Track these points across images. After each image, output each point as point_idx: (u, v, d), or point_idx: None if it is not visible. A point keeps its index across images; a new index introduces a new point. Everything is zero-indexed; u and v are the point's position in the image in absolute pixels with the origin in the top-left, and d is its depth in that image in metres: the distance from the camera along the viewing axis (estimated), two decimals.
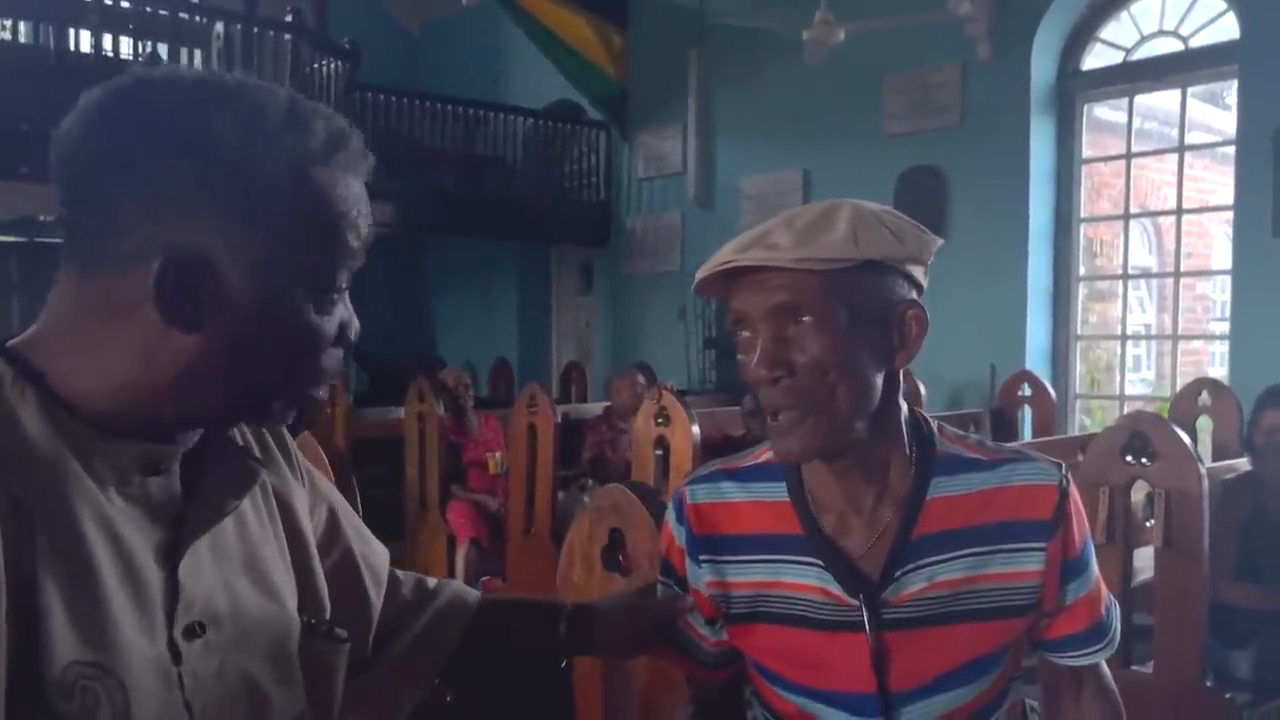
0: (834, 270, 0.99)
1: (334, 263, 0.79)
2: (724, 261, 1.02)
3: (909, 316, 1.04)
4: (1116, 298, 6.58)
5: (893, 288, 1.03)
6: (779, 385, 1.01)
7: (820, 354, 0.99)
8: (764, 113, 7.44)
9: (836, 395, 1.00)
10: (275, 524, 0.90)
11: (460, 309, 10.25)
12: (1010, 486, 1.08)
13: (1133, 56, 6.00)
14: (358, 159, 0.81)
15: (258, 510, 0.89)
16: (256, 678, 0.82)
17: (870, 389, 1.03)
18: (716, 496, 1.17)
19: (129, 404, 0.75)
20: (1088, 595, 1.12)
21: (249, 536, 0.86)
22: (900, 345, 1.04)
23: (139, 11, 5.85)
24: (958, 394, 6.35)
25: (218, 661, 0.79)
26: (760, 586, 1.12)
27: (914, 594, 1.06)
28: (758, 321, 1.02)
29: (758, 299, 1.01)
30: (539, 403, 4.62)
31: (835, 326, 0.99)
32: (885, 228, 1.01)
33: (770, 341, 1.01)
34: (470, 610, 1.12)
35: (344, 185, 0.79)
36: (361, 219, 0.81)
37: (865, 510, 1.08)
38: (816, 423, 1.01)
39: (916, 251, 1.03)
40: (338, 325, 0.82)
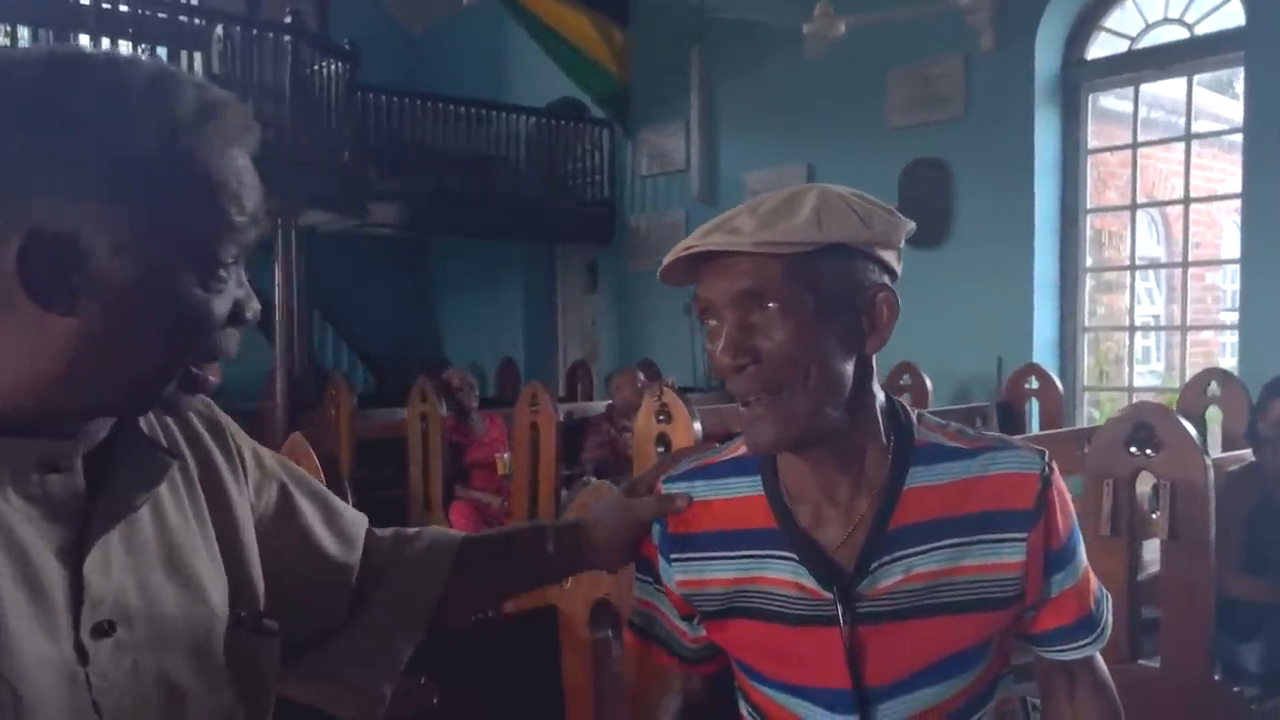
0: (798, 255, 0.96)
1: (215, 237, 0.77)
2: (687, 247, 1.00)
3: (879, 300, 1.01)
4: (1124, 289, 6.52)
5: (861, 272, 1.00)
6: (745, 373, 0.99)
7: (786, 340, 0.97)
8: (767, 108, 7.40)
9: (806, 383, 0.98)
10: (202, 516, 0.88)
11: (466, 309, 10.25)
12: (990, 475, 1.05)
13: (1138, 45, 5.94)
14: (237, 128, 0.78)
15: (180, 503, 0.86)
16: (174, 676, 0.80)
17: (840, 375, 1.00)
18: (692, 494, 1.15)
19: (20, 400, 0.73)
20: (1075, 587, 1.08)
21: (169, 530, 0.84)
22: (871, 330, 1.01)
23: (137, 15, 5.84)
24: (965, 387, 6.30)
25: (131, 660, 0.77)
26: (736, 582, 1.10)
27: (890, 587, 1.03)
28: (723, 309, 1.00)
29: (722, 285, 0.99)
30: (541, 401, 4.60)
31: (801, 312, 0.97)
32: (851, 211, 0.99)
33: (735, 329, 0.99)
34: (453, 548, 1.11)
35: (220, 155, 0.76)
36: (246, 191, 0.78)
37: (841, 501, 1.06)
38: (787, 411, 0.99)
39: (884, 235, 1.00)
40: (231, 304, 0.79)
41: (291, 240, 6.38)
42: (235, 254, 0.79)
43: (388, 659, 1.03)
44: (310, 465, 2.27)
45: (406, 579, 1.07)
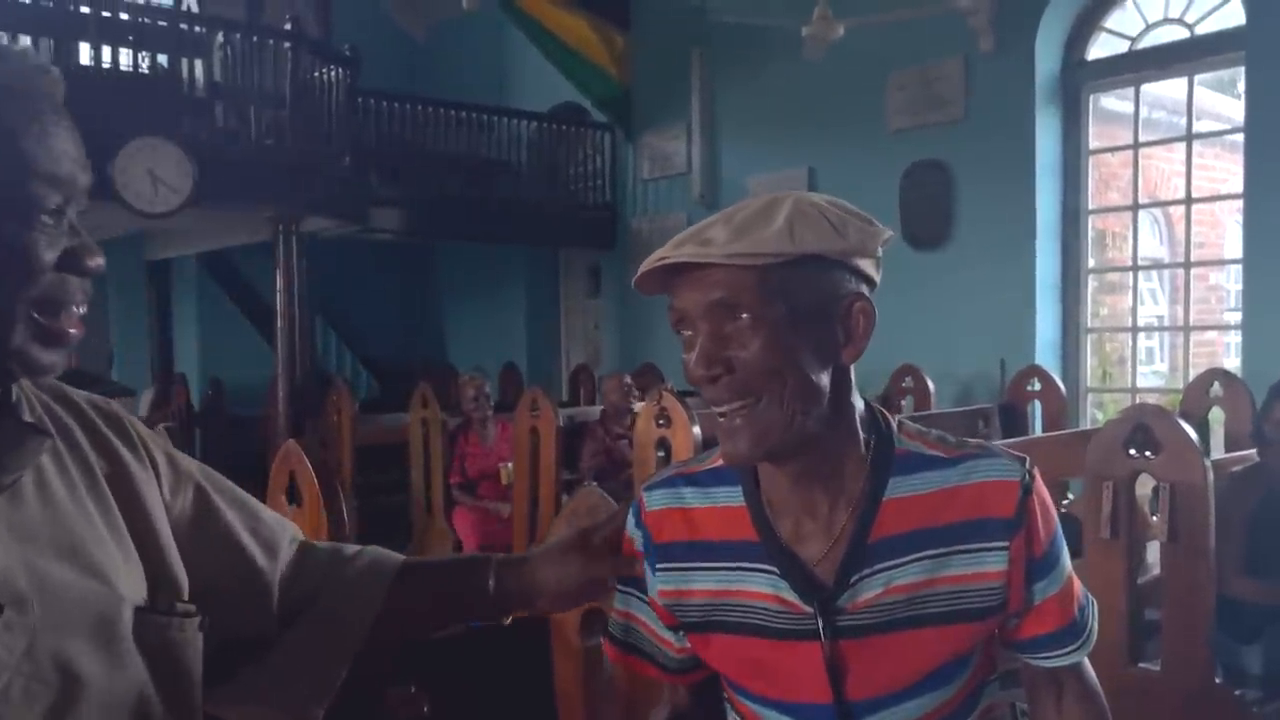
0: (771, 265, 0.96)
1: (21, 181, 0.78)
2: (660, 258, 0.99)
3: (855, 310, 1.00)
4: (1127, 289, 6.50)
5: (836, 282, 1.00)
6: (718, 384, 0.99)
7: (760, 351, 0.97)
8: (768, 111, 7.40)
9: (779, 393, 0.97)
10: (107, 507, 0.88)
11: (469, 313, 10.25)
12: (970, 484, 1.03)
13: (1138, 45, 5.94)
14: (28, 74, 0.81)
15: (73, 489, 0.86)
16: (73, 658, 0.79)
17: (815, 386, 0.99)
18: (674, 502, 1.14)
19: None
20: (1058, 594, 1.07)
21: (61, 515, 0.84)
22: (847, 340, 1.01)
23: (138, 23, 5.86)
24: (968, 389, 6.29)
25: (25, 642, 0.76)
26: (717, 595, 1.09)
27: (871, 600, 1.02)
28: (697, 319, 1.00)
29: (696, 296, 0.99)
30: (541, 407, 4.60)
31: (774, 323, 0.96)
32: (825, 220, 0.98)
33: (709, 339, 0.99)
34: (391, 573, 1.08)
35: (13, 92, 0.79)
36: (52, 136, 0.80)
37: (821, 514, 1.05)
38: (763, 422, 0.98)
39: (859, 245, 0.99)
40: (60, 250, 0.81)
41: (293, 246, 6.38)
42: (52, 197, 0.80)
43: (319, 680, 1.01)
44: (304, 473, 2.27)
45: (341, 600, 1.04)
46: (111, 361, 9.13)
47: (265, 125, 6.37)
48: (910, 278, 6.50)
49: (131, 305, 9.16)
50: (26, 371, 0.83)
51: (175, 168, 5.65)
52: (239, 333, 9.09)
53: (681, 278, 1.00)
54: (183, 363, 9.04)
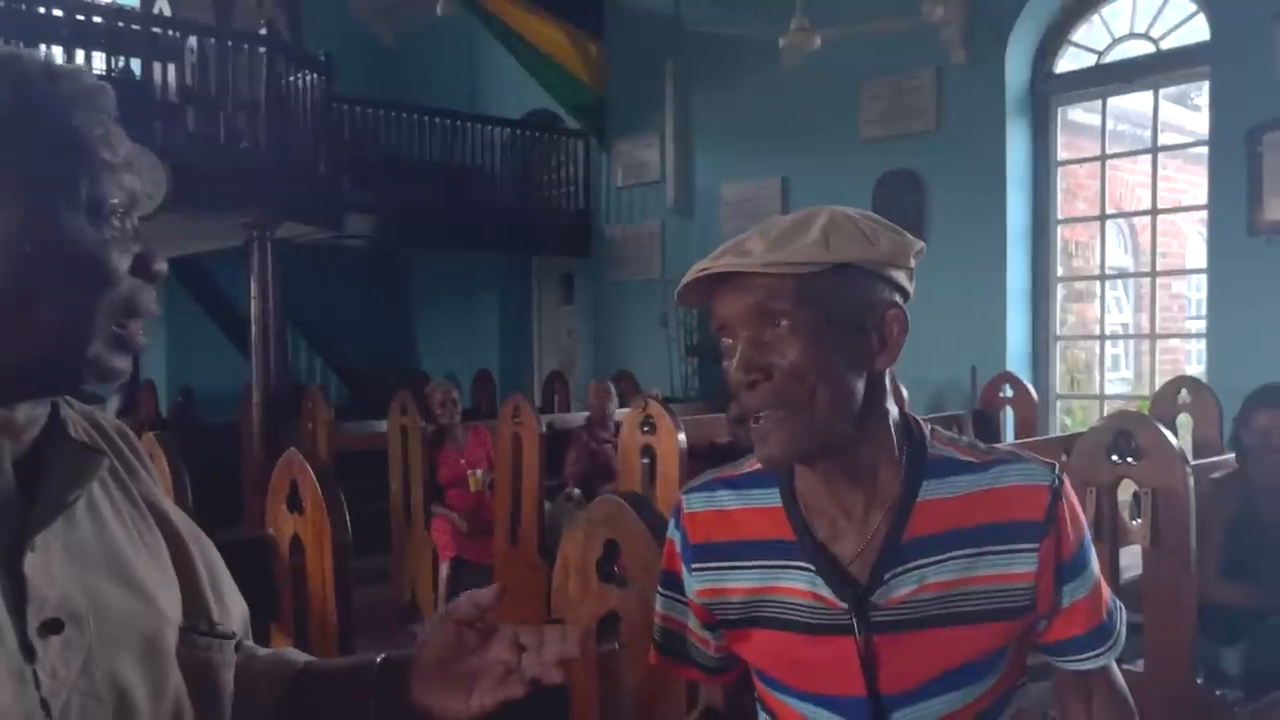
0: (808, 274, 1.00)
1: (90, 176, 0.79)
2: (700, 269, 1.03)
3: (889, 318, 1.04)
4: (1094, 298, 6.63)
5: (870, 291, 1.03)
6: (756, 389, 1.02)
7: (797, 358, 1.00)
8: (742, 120, 7.46)
9: (815, 398, 1.01)
10: (144, 523, 0.89)
11: (442, 321, 10.22)
12: (1001, 487, 1.07)
13: (1105, 59, 6.06)
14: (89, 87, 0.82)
15: (117, 510, 0.87)
16: (124, 677, 0.80)
17: (850, 392, 1.03)
18: (713, 505, 1.17)
19: None
20: (1086, 597, 1.10)
21: (109, 536, 0.84)
22: (881, 347, 1.04)
23: (111, 27, 5.80)
24: (940, 396, 6.37)
25: (82, 659, 0.77)
26: (756, 592, 1.12)
27: (904, 596, 1.06)
28: (737, 326, 1.03)
29: (736, 304, 1.03)
30: (523, 413, 4.60)
31: (811, 330, 1.00)
32: (860, 231, 1.02)
33: (749, 345, 1.02)
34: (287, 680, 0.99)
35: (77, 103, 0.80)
36: (113, 135, 0.82)
37: (856, 515, 1.08)
38: (796, 426, 1.01)
39: (891, 255, 1.03)
40: (132, 258, 0.81)
41: (267, 252, 6.33)
42: (121, 199, 0.81)
43: None
44: (306, 480, 2.27)
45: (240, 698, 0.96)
46: None
47: (238, 130, 6.32)
48: None
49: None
50: (100, 378, 0.83)
51: (147, 173, 5.59)
52: (208, 340, 9.00)
53: (723, 286, 1.03)
54: (151, 370, 8.94)
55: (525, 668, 0.91)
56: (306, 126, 6.69)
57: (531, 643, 0.92)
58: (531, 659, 0.91)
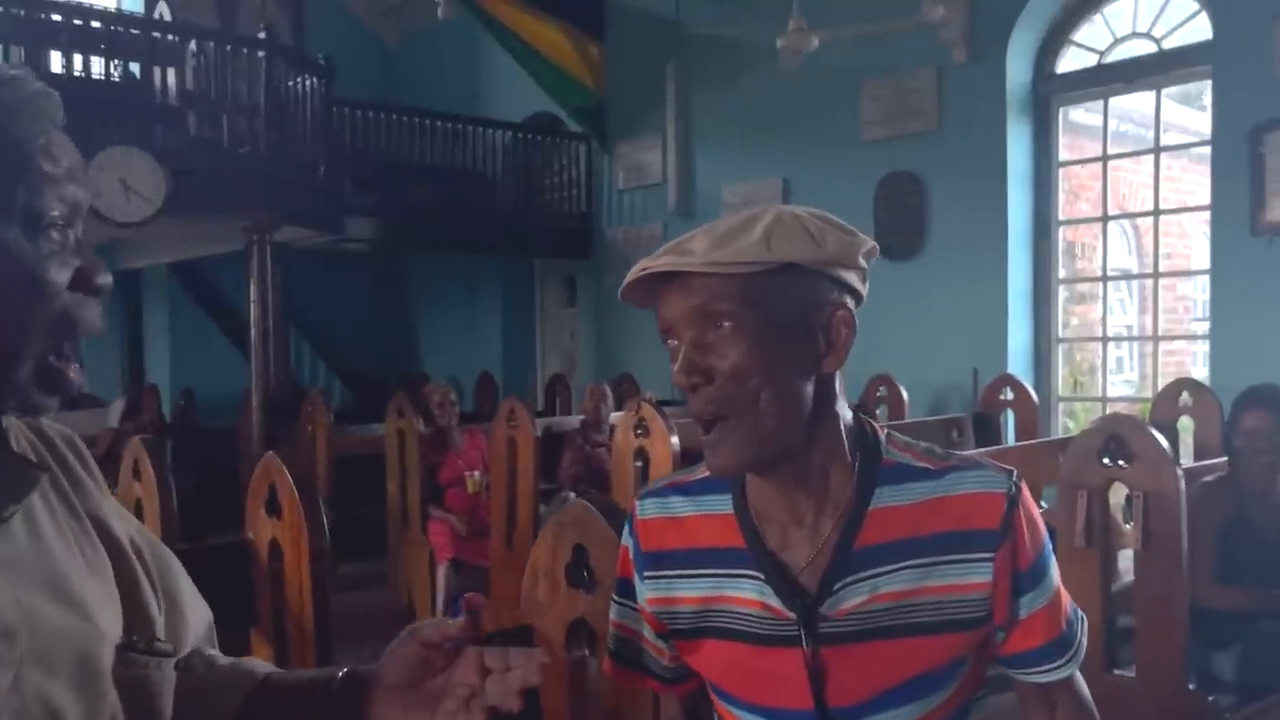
0: (751, 275, 0.97)
1: (29, 187, 0.77)
2: (642, 269, 1.01)
3: (836, 320, 1.01)
4: (1097, 299, 6.58)
5: (817, 292, 1.01)
6: (699, 393, 1.00)
7: (739, 360, 0.98)
8: (743, 121, 7.44)
9: (759, 403, 0.98)
10: (85, 536, 0.87)
11: (445, 324, 10.22)
12: (956, 495, 1.04)
13: (1107, 59, 6.02)
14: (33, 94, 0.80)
15: (57, 523, 0.85)
16: (55, 694, 0.78)
17: (796, 396, 1.00)
18: (665, 511, 1.15)
19: None
20: (1045, 608, 1.07)
21: (46, 550, 0.82)
22: (828, 350, 1.02)
23: (110, 31, 5.81)
24: (941, 398, 6.34)
25: (11, 676, 0.75)
26: (706, 601, 1.10)
27: (854, 607, 1.03)
28: (680, 328, 1.01)
29: (679, 304, 1.00)
30: (519, 417, 4.59)
31: (754, 332, 0.98)
32: (806, 231, 0.99)
33: (691, 348, 1.00)
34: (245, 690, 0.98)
35: (19, 111, 0.78)
36: (55, 145, 0.79)
37: (807, 522, 1.06)
38: (743, 435, 0.99)
39: (838, 255, 1.00)
40: (73, 271, 0.79)
41: (266, 255, 6.34)
42: (62, 212, 0.79)
43: None
44: (284, 484, 2.25)
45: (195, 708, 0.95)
46: None
47: (238, 134, 6.33)
48: (884, 288, 6.45)
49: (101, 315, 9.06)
50: (21, 411, 0.82)
51: (147, 177, 5.61)
52: (211, 343, 9.01)
53: (667, 287, 1.01)
54: (153, 373, 8.96)
55: (488, 692, 0.89)
56: (306, 130, 6.69)
57: (496, 666, 0.90)
58: (495, 683, 0.89)
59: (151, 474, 2.86)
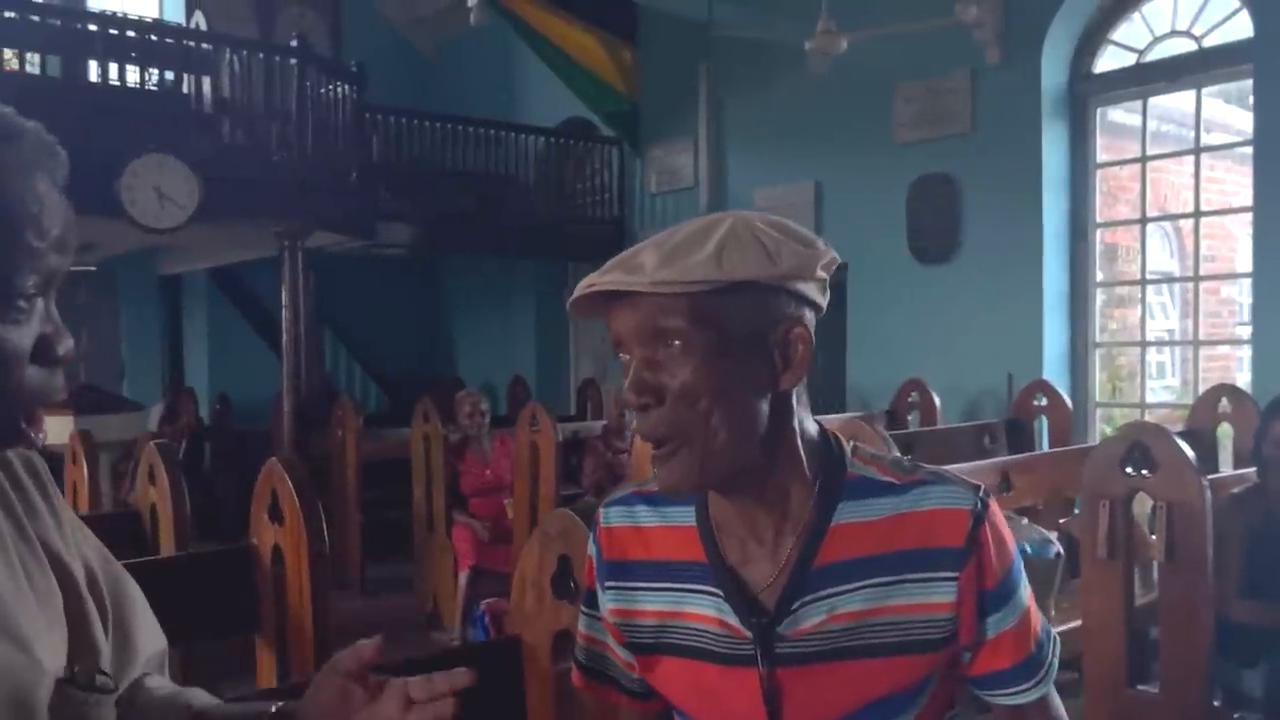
0: (700, 293, 0.93)
1: (7, 260, 0.74)
2: (588, 284, 0.97)
3: (792, 336, 0.98)
4: (1137, 303, 6.44)
5: (772, 307, 0.97)
6: (648, 414, 0.97)
7: (689, 379, 0.95)
8: (774, 124, 7.39)
9: (710, 424, 0.95)
10: (36, 564, 0.85)
11: (478, 327, 10.26)
12: (920, 511, 1.00)
13: (1146, 58, 5.89)
14: (37, 155, 0.76)
15: (5, 551, 0.83)
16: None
17: (750, 415, 0.97)
18: (629, 520, 1.13)
19: None
20: (1014, 628, 1.03)
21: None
22: (784, 367, 0.98)
23: (144, 40, 5.90)
24: (975, 404, 6.24)
25: None
26: (665, 616, 1.07)
27: (813, 627, 1.00)
28: (631, 345, 0.98)
29: (628, 321, 0.97)
30: (541, 422, 4.58)
31: (705, 350, 0.94)
32: (760, 245, 0.95)
33: (641, 366, 0.97)
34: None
35: (14, 177, 0.74)
36: (46, 215, 0.76)
37: (767, 539, 1.02)
38: (690, 458, 0.96)
39: (793, 269, 0.96)
40: (34, 338, 0.76)
41: (298, 261, 6.40)
42: (36, 283, 0.76)
43: None
44: (285, 491, 2.26)
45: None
46: (123, 376, 9.18)
47: (271, 141, 6.40)
48: (917, 292, 6.47)
49: (143, 320, 9.22)
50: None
51: (181, 184, 5.69)
52: (249, 347, 9.12)
53: (617, 302, 0.97)
54: (193, 377, 9.09)
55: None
56: (339, 136, 6.75)
57: (421, 696, 0.88)
58: (421, 713, 0.87)
59: (166, 480, 2.89)
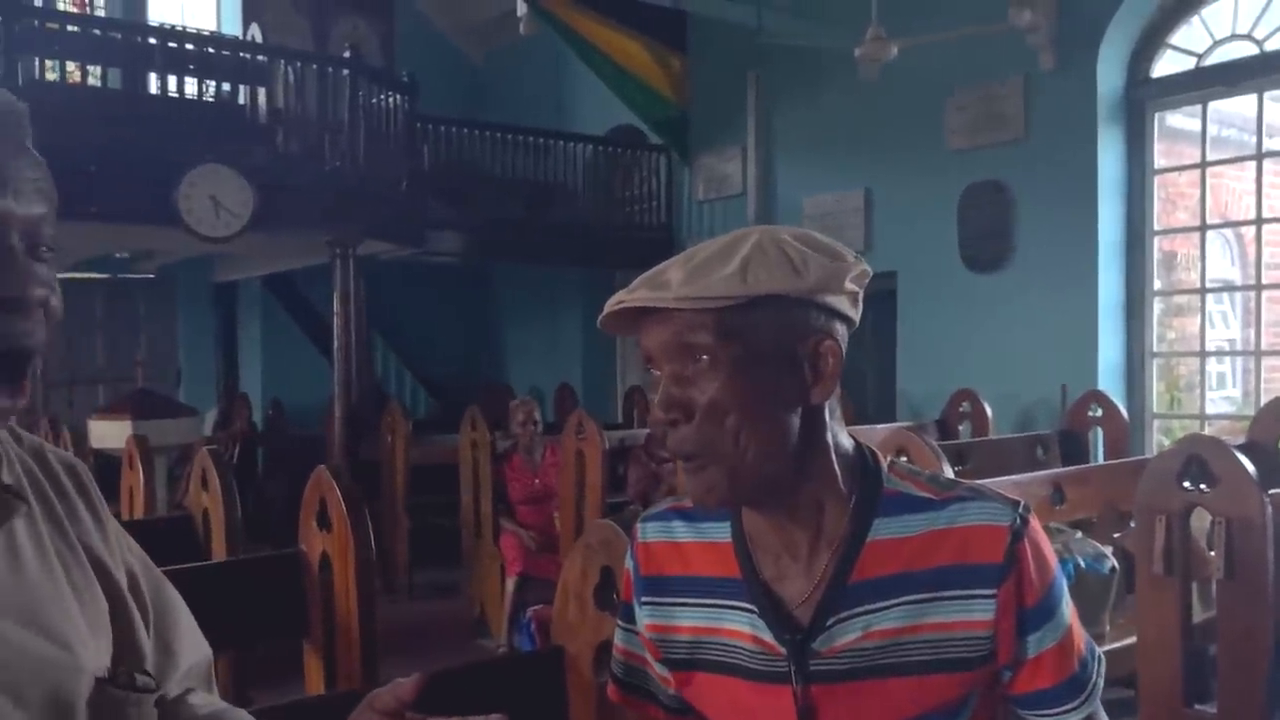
0: (727, 308, 0.93)
1: None
2: (616, 302, 0.98)
3: (822, 349, 0.97)
4: (1197, 312, 6.30)
5: (800, 321, 0.96)
6: (677, 430, 0.97)
7: (716, 394, 0.94)
8: (824, 131, 7.35)
9: (739, 439, 0.95)
10: (79, 568, 0.86)
11: (527, 334, 10.32)
12: (958, 527, 0.99)
13: (1205, 62, 5.77)
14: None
15: (44, 553, 0.84)
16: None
17: (779, 430, 0.96)
18: (666, 535, 1.12)
19: None
20: (1056, 647, 1.01)
21: (26, 580, 0.82)
22: (815, 380, 0.97)
23: (202, 53, 6.03)
24: (1028, 415, 6.14)
25: None
26: (700, 632, 1.07)
27: (847, 644, 0.99)
28: (660, 361, 0.98)
29: (657, 337, 0.97)
30: (587, 429, 4.59)
31: (733, 365, 0.94)
32: (786, 259, 0.95)
33: (670, 382, 0.97)
34: None
35: None
36: None
37: (801, 555, 1.02)
38: (720, 468, 0.96)
39: (820, 283, 0.96)
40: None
41: (349, 269, 6.49)
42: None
43: None
44: (333, 499, 2.28)
45: None
46: (179, 381, 9.36)
47: (323, 151, 6.50)
48: (968, 301, 6.39)
49: (199, 326, 9.41)
50: None
51: (237, 193, 5.80)
52: (302, 353, 9.26)
53: (646, 318, 0.98)
54: (247, 382, 9.25)
55: None
56: (390, 146, 6.83)
57: None
58: None
59: (218, 485, 2.93)
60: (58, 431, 5.44)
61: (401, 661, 2.48)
